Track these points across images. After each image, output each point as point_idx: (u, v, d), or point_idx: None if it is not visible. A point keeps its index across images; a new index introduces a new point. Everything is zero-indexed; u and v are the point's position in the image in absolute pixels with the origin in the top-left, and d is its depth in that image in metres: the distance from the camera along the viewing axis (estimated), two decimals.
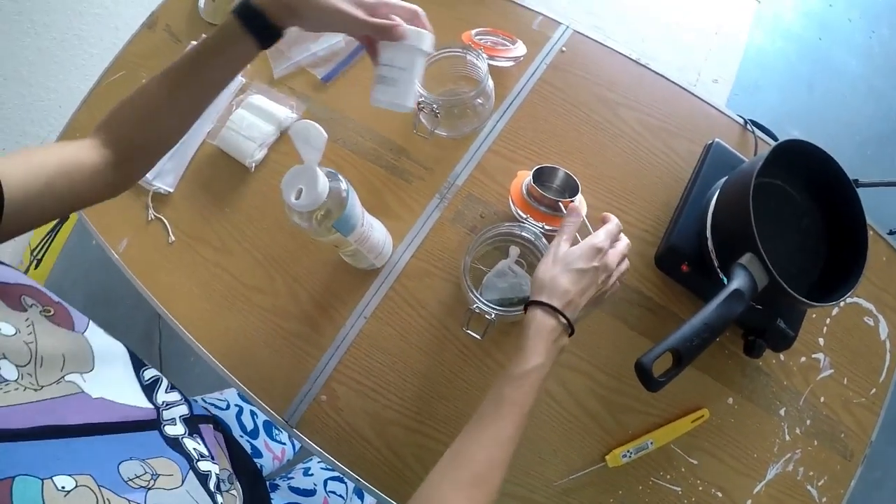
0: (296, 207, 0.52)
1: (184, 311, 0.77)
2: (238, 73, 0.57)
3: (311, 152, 0.51)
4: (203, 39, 0.54)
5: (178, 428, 0.45)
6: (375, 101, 0.57)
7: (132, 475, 0.36)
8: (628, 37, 1.92)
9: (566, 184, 0.68)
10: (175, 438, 0.43)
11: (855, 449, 0.71)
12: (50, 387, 0.36)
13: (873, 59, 2.03)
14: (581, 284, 0.52)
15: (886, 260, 0.78)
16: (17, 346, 0.35)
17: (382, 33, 0.54)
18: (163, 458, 0.40)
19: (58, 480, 0.31)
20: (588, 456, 0.67)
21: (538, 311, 0.51)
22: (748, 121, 0.81)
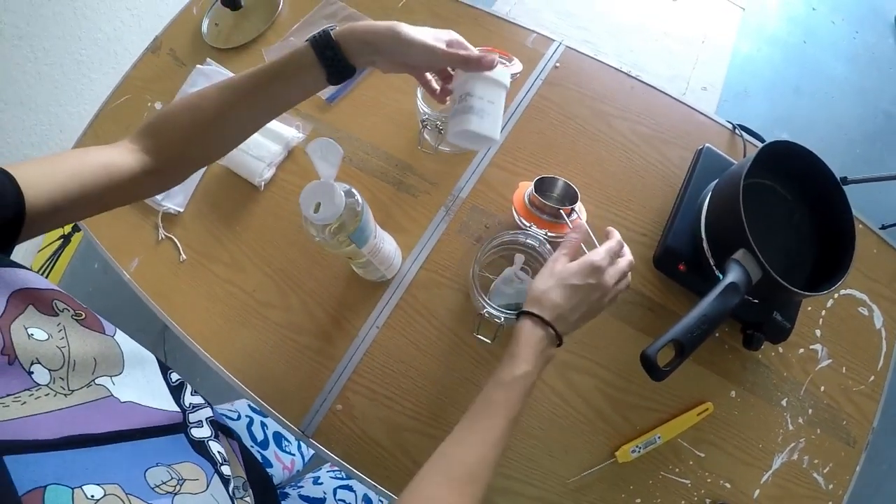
0: (314, 221, 0.54)
1: (198, 328, 0.79)
2: (302, 100, 0.57)
3: (328, 168, 0.54)
4: (272, 60, 0.53)
5: (205, 430, 0.46)
6: (459, 135, 0.55)
7: (159, 481, 0.37)
8: (618, 49, 1.97)
9: (566, 192, 0.70)
10: (201, 442, 0.44)
11: (858, 436, 0.73)
12: (80, 391, 0.37)
13: (858, 60, 2.08)
14: (573, 301, 0.53)
15: (877, 252, 0.81)
16: (50, 350, 0.36)
17: (473, 65, 0.53)
18: (188, 462, 0.41)
19: (87, 490, 0.32)
20: (598, 453, 0.69)
21: (528, 322, 0.53)
22: (736, 126, 0.85)
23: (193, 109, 0.54)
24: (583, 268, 0.54)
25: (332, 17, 0.97)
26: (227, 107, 0.53)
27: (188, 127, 0.54)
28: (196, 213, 0.87)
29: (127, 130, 0.93)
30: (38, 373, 0.35)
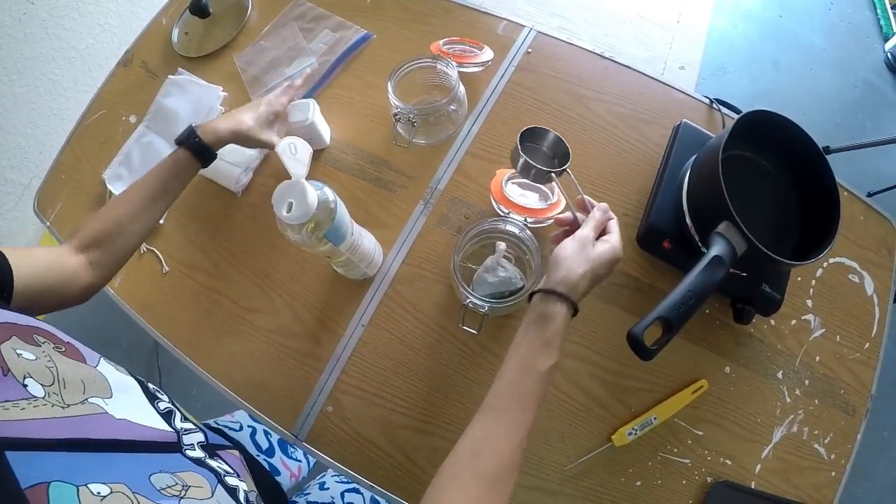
0: (287, 221, 0.54)
1: (186, 339, 0.78)
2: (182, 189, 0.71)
3: (298, 167, 0.53)
4: (162, 167, 0.68)
5: (198, 453, 0.45)
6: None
7: (164, 485, 0.36)
8: (593, 34, 1.96)
9: (556, 149, 0.66)
10: (198, 459, 0.44)
11: (857, 404, 0.72)
12: (76, 406, 0.37)
13: (834, 30, 2.09)
14: (595, 285, 0.54)
15: (864, 219, 0.81)
16: (40, 367, 0.36)
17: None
18: (191, 472, 0.41)
19: (93, 487, 0.31)
20: (595, 438, 0.68)
21: (565, 308, 0.51)
22: (713, 100, 0.84)
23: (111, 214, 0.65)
24: (613, 258, 0.55)
25: (301, 18, 0.96)
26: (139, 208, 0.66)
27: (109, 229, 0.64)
28: (176, 224, 0.86)
29: (103, 146, 0.94)
30: (31, 386, 0.35)
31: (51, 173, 0.97)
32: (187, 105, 0.92)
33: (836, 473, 0.70)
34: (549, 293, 0.52)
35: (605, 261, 0.54)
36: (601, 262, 0.53)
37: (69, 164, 0.96)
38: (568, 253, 0.54)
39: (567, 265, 0.53)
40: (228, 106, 0.92)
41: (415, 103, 0.80)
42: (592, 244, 0.55)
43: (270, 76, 0.92)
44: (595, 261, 0.53)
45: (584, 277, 0.52)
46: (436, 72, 0.79)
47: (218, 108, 0.92)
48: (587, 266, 0.53)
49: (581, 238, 0.55)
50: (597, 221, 0.57)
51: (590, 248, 0.54)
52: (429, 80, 0.81)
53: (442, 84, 0.81)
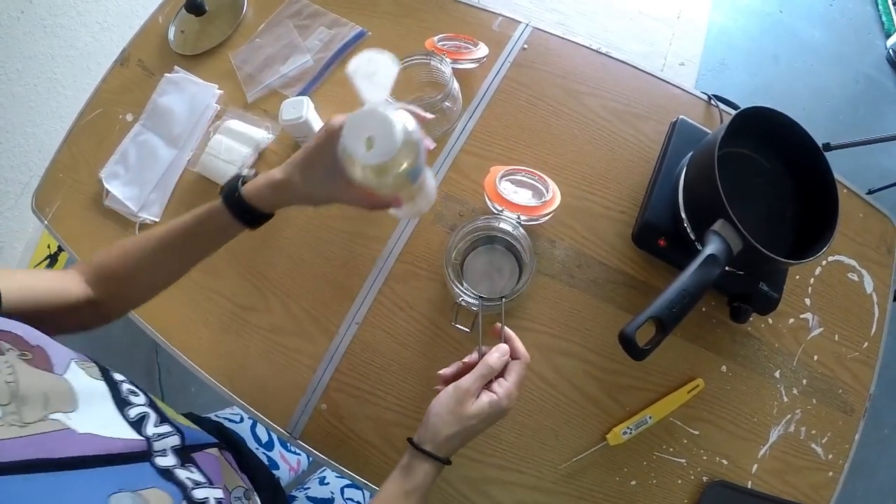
0: (369, 161, 0.43)
1: (181, 337, 0.78)
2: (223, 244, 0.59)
3: (377, 90, 0.43)
4: (195, 215, 0.55)
5: (170, 460, 0.43)
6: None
7: None
8: (592, 30, 1.95)
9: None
10: (167, 469, 0.42)
11: (855, 403, 0.72)
12: (36, 423, 0.35)
13: (835, 25, 2.07)
14: (472, 438, 0.52)
15: (864, 216, 0.80)
16: None
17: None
18: (155, 488, 0.39)
19: None
20: (589, 437, 0.68)
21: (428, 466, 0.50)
22: (711, 96, 0.83)
23: (129, 256, 0.56)
24: (494, 413, 0.50)
25: (296, 16, 0.96)
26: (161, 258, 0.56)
27: (126, 272, 0.57)
28: None
29: (101, 145, 0.94)
30: None
31: (48, 172, 0.96)
32: (183, 103, 0.92)
33: (833, 473, 0.69)
34: (417, 448, 0.51)
35: (483, 417, 0.50)
36: (479, 418, 0.50)
37: (67, 163, 0.96)
38: (439, 409, 0.51)
39: (434, 423, 0.50)
40: (224, 103, 0.92)
41: (409, 100, 0.80)
42: (472, 398, 0.50)
43: (266, 74, 0.92)
44: (470, 418, 0.49)
45: (454, 437, 0.50)
46: (430, 68, 0.78)
47: (213, 106, 0.91)
48: (457, 427, 0.50)
49: (458, 392, 0.50)
50: (486, 370, 0.51)
51: (466, 405, 0.50)
52: (423, 76, 0.80)
53: (436, 81, 0.80)
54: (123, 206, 0.86)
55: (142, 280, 0.58)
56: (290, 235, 0.80)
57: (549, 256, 0.74)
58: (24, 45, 1.57)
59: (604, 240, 0.75)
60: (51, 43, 1.65)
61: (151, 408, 0.46)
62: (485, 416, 0.50)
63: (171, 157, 0.89)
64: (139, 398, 0.46)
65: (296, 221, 0.80)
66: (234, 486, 0.50)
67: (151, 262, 0.56)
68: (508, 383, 0.51)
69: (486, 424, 0.51)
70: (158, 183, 0.88)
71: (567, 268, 0.74)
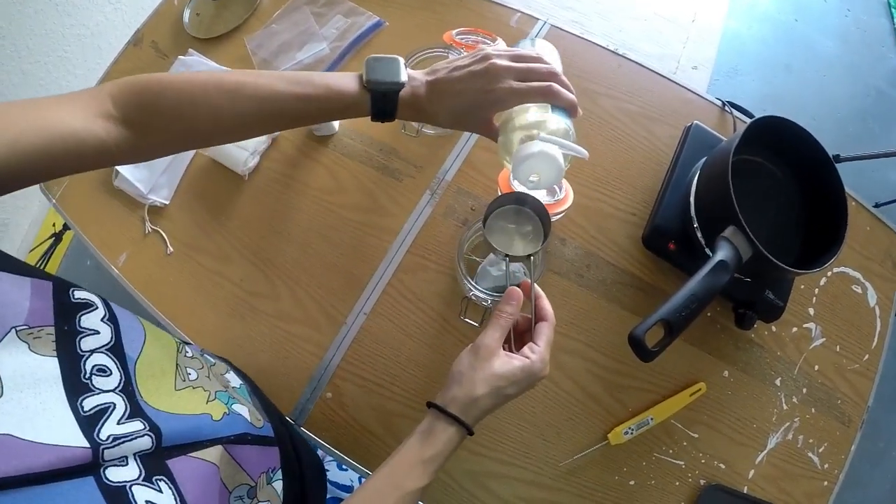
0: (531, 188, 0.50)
1: (188, 320, 0.78)
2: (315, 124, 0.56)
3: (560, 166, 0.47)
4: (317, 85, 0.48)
5: (130, 471, 0.33)
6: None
7: None
8: (607, 29, 1.95)
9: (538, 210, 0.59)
10: (118, 488, 0.31)
11: (853, 415, 0.72)
12: None
13: (849, 37, 2.06)
14: (502, 404, 0.47)
15: (870, 229, 0.80)
16: None
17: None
18: None
19: None
20: (591, 435, 0.69)
21: (453, 430, 0.45)
22: (726, 102, 0.84)
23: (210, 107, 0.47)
24: (528, 378, 0.46)
25: (313, 3, 0.95)
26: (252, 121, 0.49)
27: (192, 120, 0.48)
28: (182, 205, 0.86)
29: None
30: None
31: None
32: None
33: (828, 483, 0.70)
34: (440, 411, 0.46)
35: (515, 381, 0.46)
36: (509, 381, 0.45)
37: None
38: (461, 368, 0.47)
39: (459, 383, 0.46)
40: None
41: None
42: (498, 354, 0.46)
43: (281, 60, 0.91)
44: (499, 379, 0.45)
45: (484, 398, 0.45)
46: None
47: None
48: (485, 388, 0.45)
49: (476, 347, 0.47)
50: (503, 319, 0.48)
51: (494, 362, 0.46)
52: None
53: None
54: (133, 187, 0.86)
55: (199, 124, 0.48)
56: (300, 223, 0.80)
57: (559, 255, 0.74)
58: (34, 22, 1.57)
59: (614, 241, 0.75)
60: (62, 21, 1.65)
61: (123, 394, 0.36)
62: (516, 380, 0.46)
63: None
64: (109, 379, 0.36)
65: (306, 209, 0.80)
66: (236, 484, 0.43)
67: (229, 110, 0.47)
68: (540, 347, 0.47)
69: (518, 389, 0.46)
70: (169, 166, 0.88)
71: (576, 267, 0.74)
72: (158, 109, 0.47)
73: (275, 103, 0.48)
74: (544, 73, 0.49)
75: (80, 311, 0.37)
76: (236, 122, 0.49)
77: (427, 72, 0.51)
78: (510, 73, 0.48)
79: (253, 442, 0.47)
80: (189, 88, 0.47)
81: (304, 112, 0.50)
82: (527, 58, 0.50)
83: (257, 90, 0.47)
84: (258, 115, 0.49)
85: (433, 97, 0.50)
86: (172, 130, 0.48)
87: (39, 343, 0.33)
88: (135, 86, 0.47)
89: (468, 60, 0.49)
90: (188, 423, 0.40)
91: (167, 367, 0.43)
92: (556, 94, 0.48)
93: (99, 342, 0.37)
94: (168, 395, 0.40)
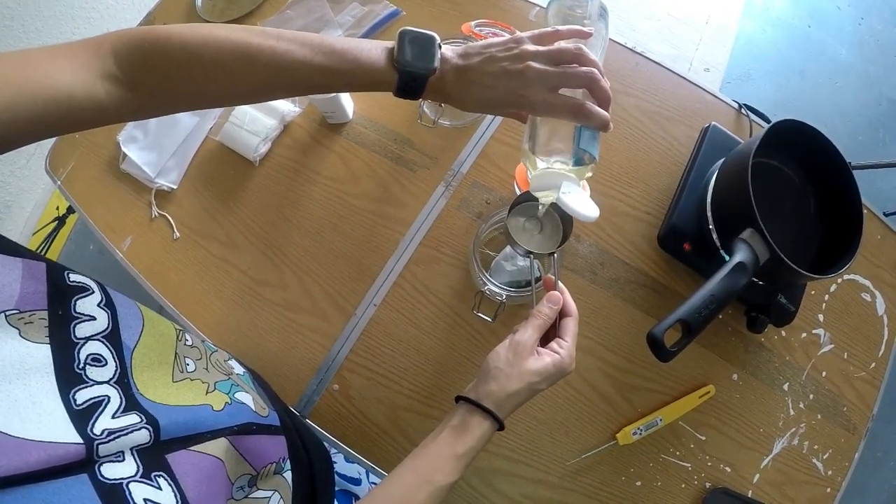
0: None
1: (193, 307, 0.78)
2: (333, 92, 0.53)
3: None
4: (348, 53, 0.45)
5: (127, 467, 0.31)
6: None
7: None
8: (620, 28, 1.93)
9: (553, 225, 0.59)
10: (114, 486, 0.30)
11: (857, 422, 0.72)
12: None
13: (863, 45, 2.05)
14: (532, 398, 0.48)
15: (881, 238, 0.80)
16: None
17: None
18: None
19: None
20: (599, 435, 0.68)
21: (487, 424, 0.46)
22: (742, 105, 0.83)
23: (223, 73, 0.44)
24: (558, 373, 0.48)
25: None
26: (267, 89, 0.47)
27: (203, 85, 0.45)
28: (190, 190, 0.85)
29: None
30: None
31: None
32: None
33: (831, 490, 0.70)
34: (475, 406, 0.46)
35: (547, 376, 0.47)
36: (542, 376, 0.47)
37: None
38: (498, 363, 0.47)
39: (496, 378, 0.47)
40: None
41: None
42: (534, 352, 0.48)
43: None
44: (533, 375, 0.46)
45: (516, 395, 0.46)
46: None
47: None
48: (519, 384, 0.46)
49: (515, 345, 0.48)
50: (542, 320, 0.49)
51: (529, 359, 0.47)
52: None
53: None
54: (140, 170, 0.85)
55: (210, 90, 0.45)
56: (311, 211, 0.79)
57: (573, 252, 0.74)
58: (43, 4, 1.55)
59: (628, 240, 0.75)
60: (71, 3, 1.63)
61: (118, 386, 0.34)
62: (548, 376, 0.47)
63: (192, 124, 0.88)
64: (104, 369, 0.34)
65: (317, 197, 0.80)
66: (238, 475, 0.41)
67: (243, 77, 0.44)
68: (567, 342, 0.49)
69: (548, 384, 0.48)
70: (178, 150, 0.87)
71: (590, 264, 0.74)
72: (167, 72, 0.44)
73: (296, 73, 0.45)
74: (582, 78, 0.45)
75: (76, 295, 0.35)
76: (250, 89, 0.47)
77: (460, 54, 0.48)
78: (546, 81, 0.45)
79: (258, 431, 0.45)
80: (202, 51, 0.43)
81: (326, 84, 0.47)
82: (567, 56, 0.45)
83: (276, 58, 0.44)
84: (275, 83, 0.46)
85: (462, 84, 0.47)
86: (180, 93, 0.45)
87: (31, 329, 0.31)
88: (143, 42, 0.43)
89: (504, 53, 0.46)
90: (187, 415, 0.38)
91: (165, 358, 0.41)
92: (588, 115, 0.44)
93: (95, 329, 0.35)
94: (165, 386, 0.38)
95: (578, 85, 0.45)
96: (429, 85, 0.47)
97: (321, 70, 0.45)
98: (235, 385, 0.48)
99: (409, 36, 0.46)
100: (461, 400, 0.48)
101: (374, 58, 0.46)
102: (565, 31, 0.47)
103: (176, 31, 0.43)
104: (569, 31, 0.47)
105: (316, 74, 0.45)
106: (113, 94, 0.42)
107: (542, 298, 0.51)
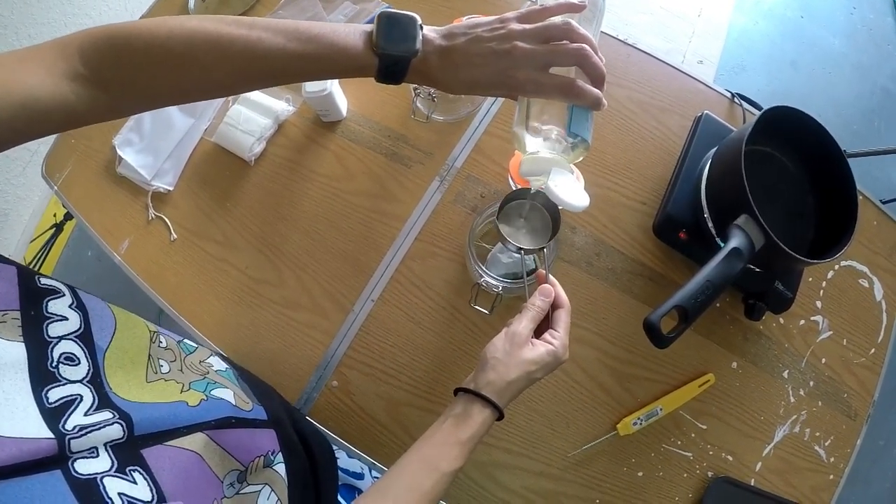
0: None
1: (192, 308, 0.78)
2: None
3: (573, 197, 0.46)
4: (325, 37, 0.43)
5: (101, 462, 0.31)
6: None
7: None
8: (612, 22, 1.94)
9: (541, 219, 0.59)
10: (88, 481, 0.30)
11: (859, 408, 0.72)
12: None
13: (855, 35, 2.06)
14: (528, 387, 0.49)
15: (877, 224, 0.81)
16: None
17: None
18: None
19: None
20: (600, 426, 0.68)
21: (487, 412, 0.47)
22: (735, 94, 0.83)
23: (197, 65, 0.43)
24: (553, 363, 0.49)
25: None
26: (243, 78, 0.45)
27: (177, 79, 0.43)
28: (186, 191, 0.85)
29: None
30: None
31: (60, 137, 0.95)
32: None
33: (833, 477, 0.70)
34: (475, 395, 0.48)
35: (543, 365, 0.48)
36: (538, 365, 0.48)
37: (79, 129, 0.94)
38: (496, 353, 0.49)
39: (494, 368, 0.48)
40: None
41: None
42: (529, 342, 0.49)
43: None
44: (530, 364, 0.48)
45: (514, 384, 0.48)
46: None
47: None
48: (517, 372, 0.47)
49: (511, 336, 0.49)
50: (535, 312, 0.51)
51: (525, 349, 0.48)
52: None
53: None
54: (136, 173, 0.85)
55: (184, 83, 0.44)
56: (307, 209, 0.79)
57: (568, 243, 0.74)
58: (37, 11, 1.55)
59: (624, 230, 0.75)
60: (64, 10, 1.63)
61: (90, 385, 0.34)
62: (544, 364, 0.48)
63: (187, 125, 0.88)
64: (77, 368, 0.34)
65: (313, 195, 0.80)
66: (227, 471, 0.41)
67: (218, 68, 0.43)
68: (561, 333, 0.50)
69: (543, 373, 0.49)
70: (173, 152, 0.87)
71: (586, 255, 0.74)
72: (139, 67, 0.42)
73: (272, 61, 0.43)
74: (572, 55, 0.43)
75: (47, 297, 0.35)
76: (226, 80, 0.45)
77: (443, 34, 0.46)
78: (534, 61, 0.43)
79: (238, 425, 0.45)
80: (171, 44, 0.41)
81: (303, 71, 0.45)
82: (555, 32, 0.44)
83: (248, 46, 0.42)
84: (250, 72, 0.44)
85: (447, 66, 0.46)
86: (154, 87, 0.44)
87: (4, 328, 0.31)
88: (111, 39, 0.41)
89: (489, 34, 0.44)
90: (161, 411, 0.37)
91: (138, 359, 0.40)
92: (579, 94, 0.43)
93: (67, 329, 0.35)
94: (139, 387, 0.38)
95: (569, 62, 0.44)
96: (411, 68, 0.45)
97: (297, 56, 0.43)
98: (212, 382, 0.47)
99: (387, 17, 0.44)
100: (461, 391, 0.50)
101: (352, 42, 0.44)
102: (554, 7, 0.46)
103: (145, 25, 0.42)
104: (558, 5, 0.46)
105: (292, 61, 0.43)
106: (82, 95, 0.41)
107: (535, 291, 0.52)
